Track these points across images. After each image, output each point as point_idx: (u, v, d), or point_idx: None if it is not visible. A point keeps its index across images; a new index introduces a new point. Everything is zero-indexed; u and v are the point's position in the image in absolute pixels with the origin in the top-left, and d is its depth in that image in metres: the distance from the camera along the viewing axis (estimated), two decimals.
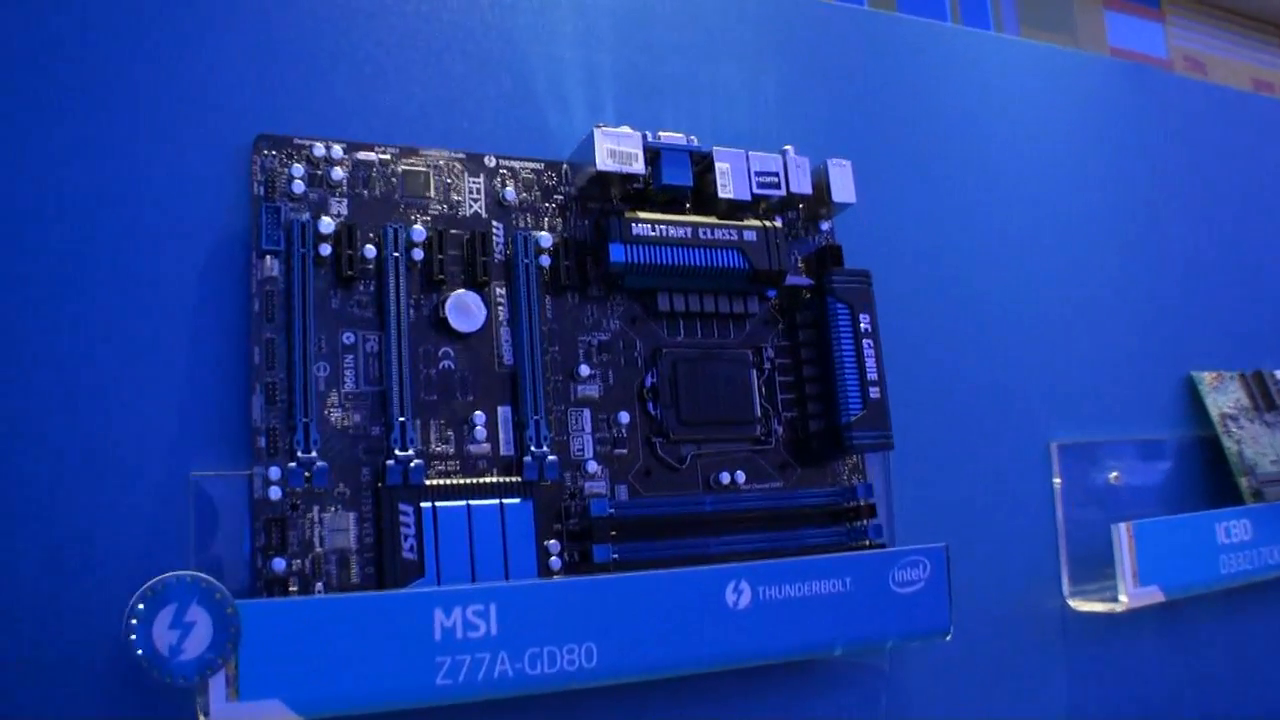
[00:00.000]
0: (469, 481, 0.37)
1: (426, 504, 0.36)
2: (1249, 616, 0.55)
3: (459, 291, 0.38)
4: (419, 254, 0.38)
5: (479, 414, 0.38)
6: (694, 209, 0.42)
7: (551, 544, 0.37)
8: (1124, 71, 0.64)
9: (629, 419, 0.40)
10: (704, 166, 0.42)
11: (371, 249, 0.37)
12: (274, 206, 0.36)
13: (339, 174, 0.38)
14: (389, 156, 0.39)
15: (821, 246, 0.45)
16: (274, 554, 0.34)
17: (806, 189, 0.43)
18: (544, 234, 0.40)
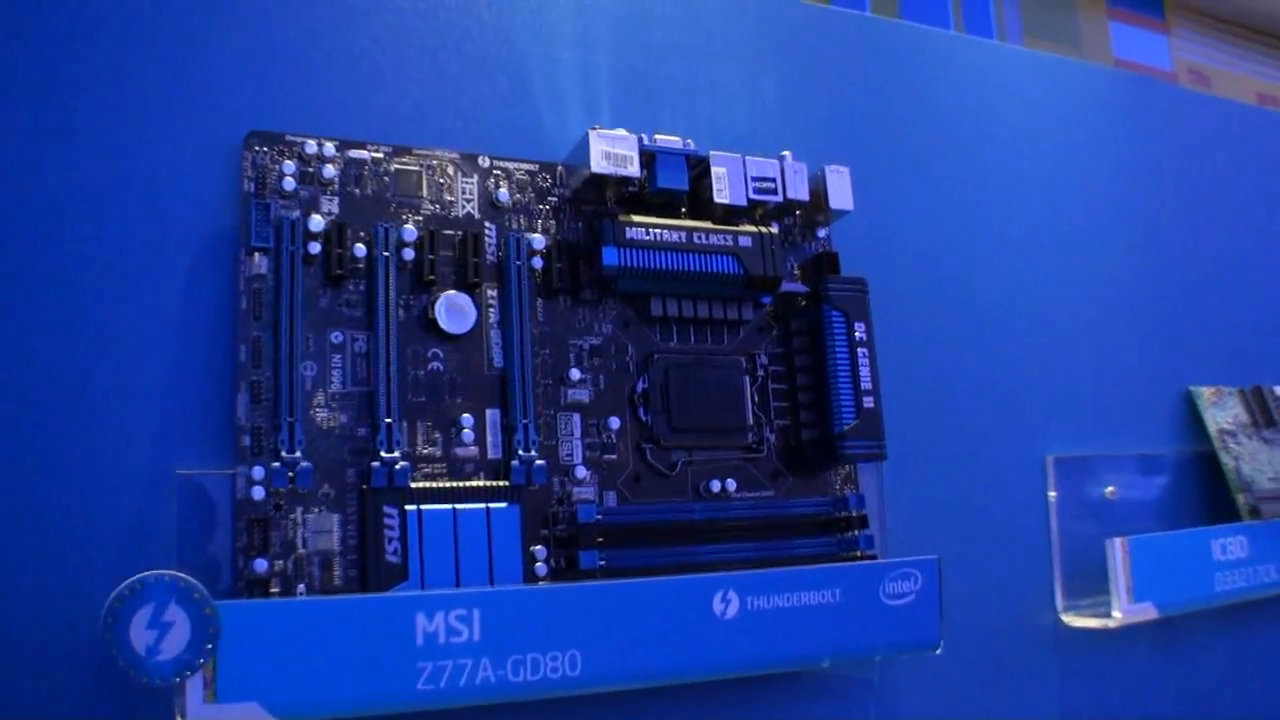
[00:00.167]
0: (455, 485, 0.37)
1: (411, 507, 0.35)
2: (1244, 634, 0.54)
3: (449, 292, 0.38)
4: (410, 254, 0.37)
5: (467, 417, 0.37)
6: (689, 213, 0.42)
7: (538, 549, 0.37)
8: (1127, 83, 0.64)
9: (619, 424, 0.40)
10: (700, 170, 0.41)
11: (362, 248, 0.37)
12: (264, 203, 0.36)
13: (330, 172, 0.37)
14: (381, 155, 0.38)
15: (818, 253, 0.45)
16: (256, 554, 0.34)
17: (804, 195, 0.43)
18: (537, 236, 0.40)
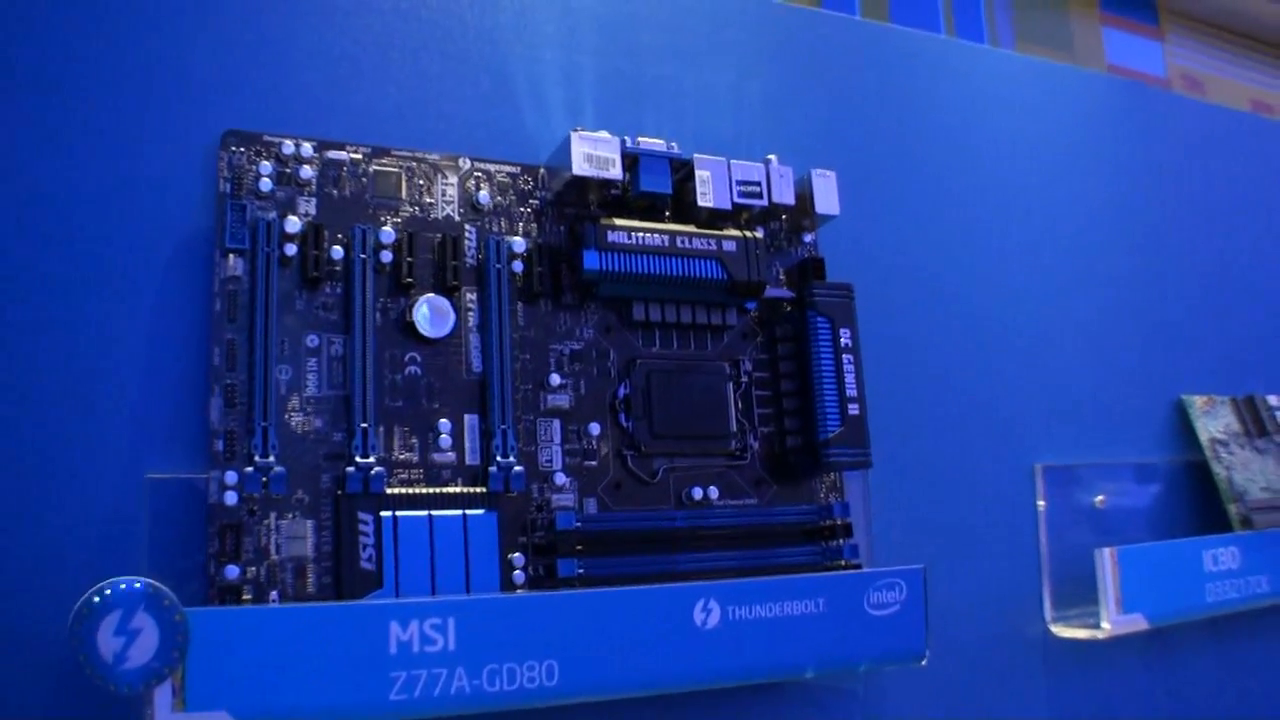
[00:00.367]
0: (432, 491, 0.36)
1: (387, 513, 0.35)
2: (1235, 646, 0.54)
3: (428, 296, 0.37)
4: (388, 256, 0.37)
5: (444, 422, 0.37)
6: (673, 217, 0.41)
7: (516, 557, 0.37)
8: (1121, 89, 0.64)
9: (600, 431, 0.39)
10: (684, 174, 0.41)
11: (339, 250, 0.36)
12: (240, 204, 0.36)
13: (308, 173, 0.37)
14: (360, 156, 0.38)
15: (803, 259, 0.44)
16: (228, 561, 0.33)
17: (789, 199, 0.42)
18: (518, 239, 0.39)
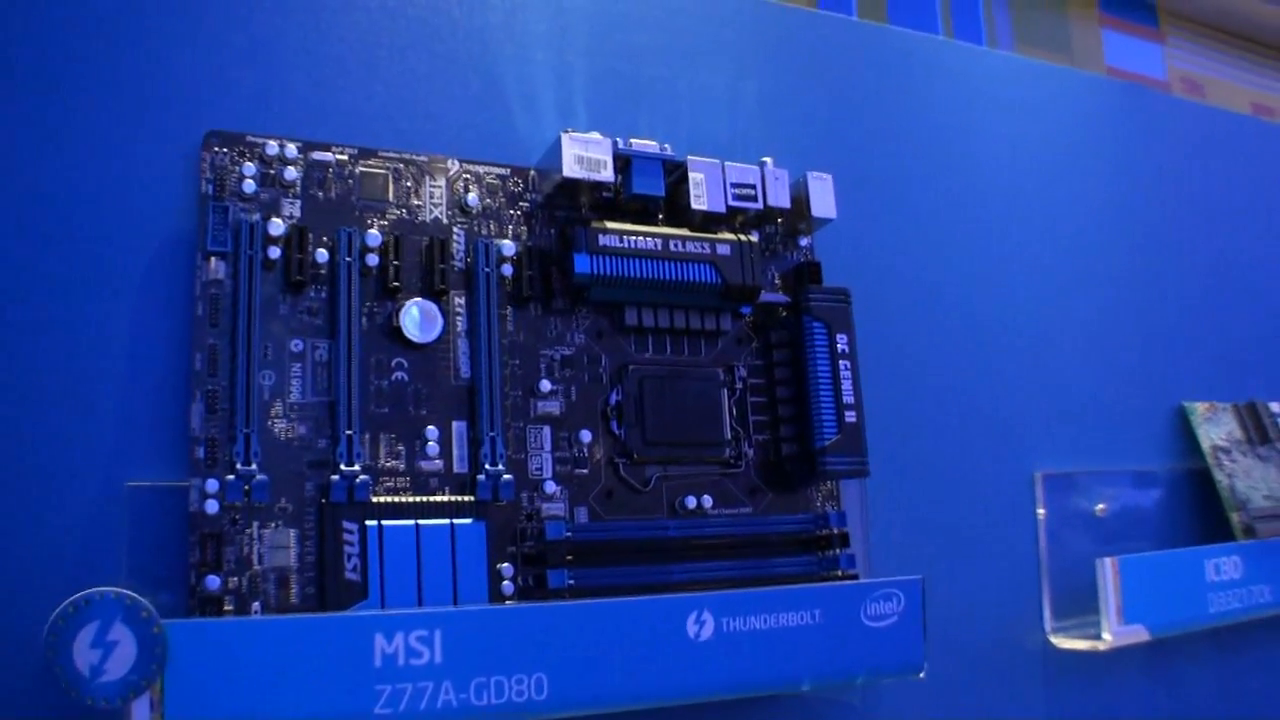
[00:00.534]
0: (418, 500, 0.35)
1: (372, 522, 0.34)
2: (1237, 657, 0.53)
3: (415, 300, 0.37)
4: (374, 260, 0.36)
5: (432, 429, 0.36)
6: (667, 220, 0.41)
7: (505, 568, 0.36)
8: (1120, 91, 0.63)
9: (591, 438, 0.39)
10: (677, 176, 0.40)
11: (324, 253, 0.36)
12: (222, 206, 0.35)
13: (292, 174, 0.36)
14: (346, 157, 0.37)
15: (799, 263, 0.43)
16: (208, 571, 0.32)
17: (785, 203, 0.41)
18: (507, 242, 0.38)
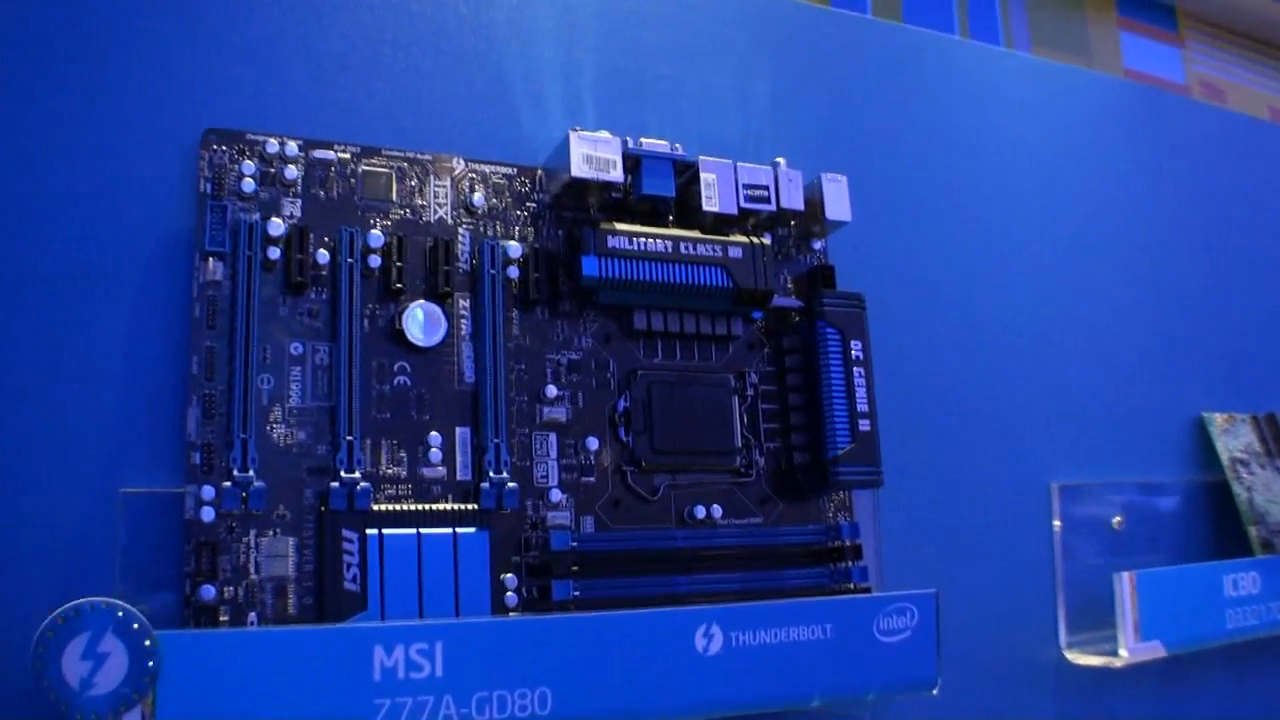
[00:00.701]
0: (420, 508, 0.34)
1: (373, 531, 0.33)
2: (1256, 675, 0.52)
3: (419, 302, 0.36)
4: (376, 261, 0.35)
5: (435, 435, 0.35)
6: (677, 222, 0.40)
7: (508, 578, 0.35)
8: (1138, 94, 0.62)
9: (598, 445, 0.38)
10: (688, 177, 0.39)
11: (325, 254, 0.35)
12: (221, 205, 0.34)
13: (293, 173, 0.35)
14: (348, 156, 0.36)
15: (813, 267, 0.43)
16: (204, 580, 0.31)
17: (798, 205, 0.40)
18: (513, 244, 0.37)
